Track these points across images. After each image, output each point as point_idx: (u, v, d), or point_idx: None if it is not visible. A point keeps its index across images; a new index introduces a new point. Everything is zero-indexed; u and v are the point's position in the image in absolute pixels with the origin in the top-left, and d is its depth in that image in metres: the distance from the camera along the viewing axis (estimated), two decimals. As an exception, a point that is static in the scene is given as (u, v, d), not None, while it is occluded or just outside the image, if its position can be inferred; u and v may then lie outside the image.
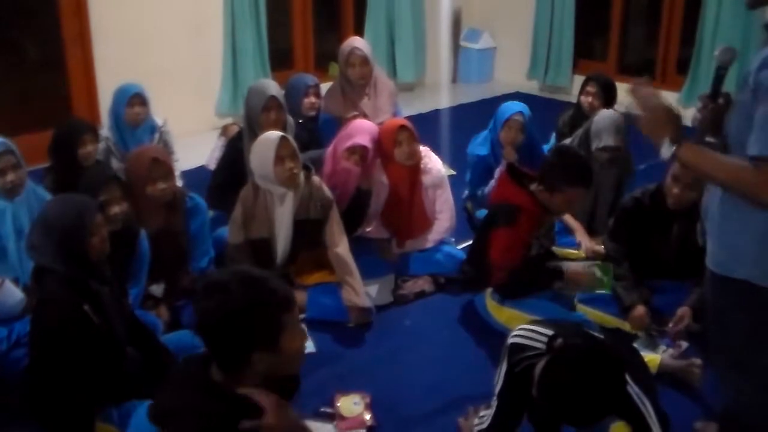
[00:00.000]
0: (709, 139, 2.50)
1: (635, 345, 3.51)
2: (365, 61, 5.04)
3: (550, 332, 2.36)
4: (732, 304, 2.33)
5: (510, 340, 2.52)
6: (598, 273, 3.69)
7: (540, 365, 2.24)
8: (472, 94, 8.56)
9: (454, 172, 5.67)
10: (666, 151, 2.25)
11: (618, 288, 3.74)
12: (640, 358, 2.79)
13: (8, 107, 6.03)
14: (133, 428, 2.68)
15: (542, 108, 6.55)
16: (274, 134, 3.73)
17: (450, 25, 9.28)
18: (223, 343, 2.01)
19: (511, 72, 9.00)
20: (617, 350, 2.34)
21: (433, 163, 4.31)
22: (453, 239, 4.47)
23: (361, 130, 4.13)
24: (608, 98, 4.88)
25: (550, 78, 8.57)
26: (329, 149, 4.23)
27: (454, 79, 9.44)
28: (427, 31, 8.77)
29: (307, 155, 4.15)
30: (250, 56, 7.02)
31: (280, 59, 7.52)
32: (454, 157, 5.82)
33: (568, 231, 4.54)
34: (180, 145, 5.26)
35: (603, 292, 3.71)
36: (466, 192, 4.90)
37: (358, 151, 4.06)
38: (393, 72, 8.45)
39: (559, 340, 2.25)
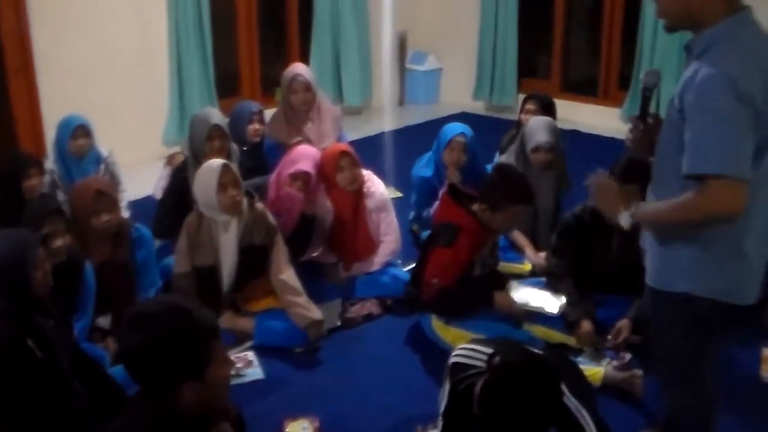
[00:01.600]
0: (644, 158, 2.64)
1: (581, 359, 3.61)
2: (308, 87, 5.09)
3: (489, 350, 2.42)
4: (672, 318, 2.43)
5: (451, 360, 2.58)
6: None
7: (479, 383, 2.30)
8: (419, 115, 8.64)
9: (400, 194, 5.75)
10: (624, 221, 2.42)
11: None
12: (579, 371, 2.87)
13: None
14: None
15: (489, 128, 6.67)
16: (216, 162, 3.76)
17: (395, 48, 9.38)
18: (150, 374, 2.04)
19: (458, 93, 9.11)
20: (553, 364, 2.41)
21: (376, 187, 4.37)
22: (399, 261, 4.52)
23: (304, 156, 4.17)
24: (547, 115, 5.00)
25: (495, 98, 8.70)
26: (273, 176, 4.27)
27: (401, 102, 9.51)
28: (372, 54, 8.84)
29: (251, 182, 4.19)
30: (196, 84, 7.02)
31: (226, 86, 7.53)
32: (401, 180, 5.88)
33: (512, 247, 4.63)
34: (128, 175, 5.25)
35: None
36: (412, 214, 4.97)
37: (301, 177, 4.11)
38: (340, 96, 8.51)
39: (497, 358, 2.30)
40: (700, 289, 2.30)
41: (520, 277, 4.32)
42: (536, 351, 2.52)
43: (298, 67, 5.21)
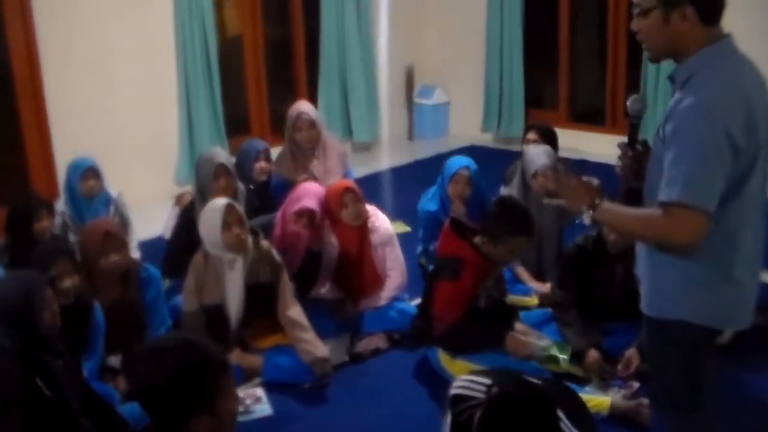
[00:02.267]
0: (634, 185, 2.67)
1: (588, 388, 3.63)
2: (312, 124, 5.16)
3: (488, 381, 2.44)
4: (667, 345, 2.45)
5: (451, 392, 2.59)
6: (555, 352, 3.79)
7: (478, 414, 2.32)
8: (427, 149, 8.68)
9: (409, 229, 5.78)
10: (586, 218, 2.44)
11: (568, 333, 3.86)
12: (579, 400, 2.86)
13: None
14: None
15: (498, 159, 6.70)
16: (221, 201, 3.83)
17: (403, 83, 9.48)
18: (161, 408, 2.08)
19: (466, 126, 9.17)
20: (552, 393, 2.42)
21: (381, 222, 4.43)
22: (407, 296, 4.54)
23: (308, 194, 4.24)
24: (549, 144, 5.03)
25: (503, 129, 8.75)
26: (279, 213, 4.33)
27: (410, 136, 9.59)
28: (380, 89, 8.93)
29: (257, 220, 4.26)
30: (206, 124, 7.12)
31: (236, 125, 7.63)
32: (410, 214, 5.92)
33: (517, 279, 4.66)
34: (139, 215, 5.34)
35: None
36: (420, 248, 5.01)
37: (305, 214, 4.17)
38: (348, 132, 8.59)
39: (495, 389, 2.32)
40: (692, 315, 2.33)
41: (527, 309, 4.35)
42: (534, 380, 2.53)
43: (302, 105, 5.29)
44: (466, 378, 2.64)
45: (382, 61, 8.92)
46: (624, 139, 2.64)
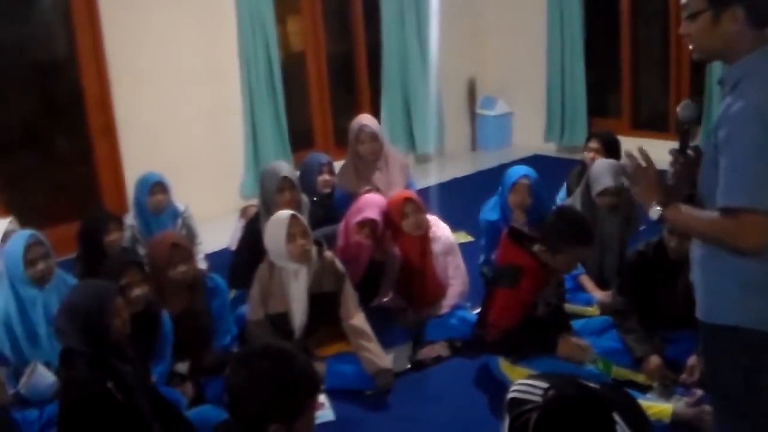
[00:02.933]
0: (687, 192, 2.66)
1: (650, 395, 3.62)
2: (374, 137, 5.25)
3: (545, 385, 2.47)
4: (724, 351, 2.44)
5: (509, 395, 2.62)
6: (599, 368, 3.79)
7: (534, 417, 2.35)
8: (491, 160, 8.70)
9: (472, 239, 5.81)
10: (653, 213, 2.44)
11: (629, 340, 3.86)
12: (637, 405, 2.84)
13: (41, 199, 6.35)
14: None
15: (561, 169, 6.68)
16: (285, 213, 3.92)
17: (465, 94, 9.54)
18: (247, 410, 2.18)
19: (529, 136, 9.17)
20: (608, 396, 2.44)
21: (441, 231, 4.48)
22: (469, 304, 4.58)
23: (370, 205, 4.31)
24: (611, 153, 5.01)
25: (566, 139, 8.73)
26: (341, 224, 4.42)
27: (474, 147, 9.64)
28: (442, 101, 8.99)
29: (320, 231, 4.35)
30: (270, 138, 7.27)
31: (300, 139, 7.75)
32: (474, 224, 5.95)
33: (580, 287, 4.66)
34: (206, 228, 5.49)
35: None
36: (482, 257, 5.04)
37: (368, 224, 4.24)
38: (412, 144, 8.67)
39: (551, 392, 2.35)
40: (746, 320, 2.32)
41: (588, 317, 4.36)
42: (591, 385, 2.55)
43: (364, 119, 5.39)
44: (524, 382, 2.67)
45: (443, 73, 8.96)
46: (676, 145, 2.63)
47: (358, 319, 3.98)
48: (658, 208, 2.43)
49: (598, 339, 4.05)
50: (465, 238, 5.98)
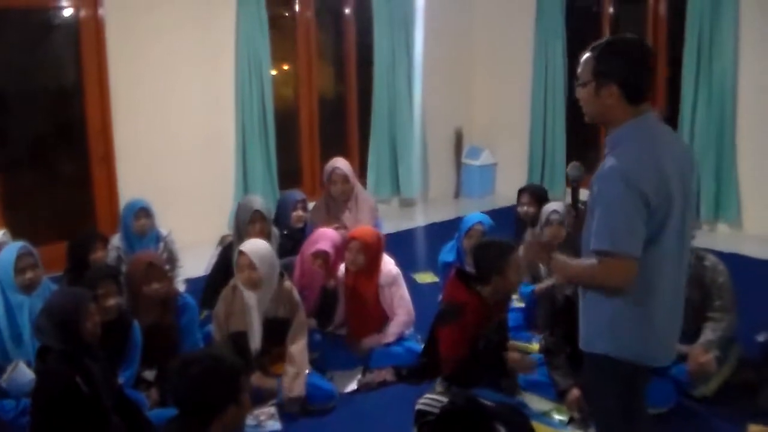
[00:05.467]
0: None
1: (570, 426, 4.00)
2: (345, 179, 5.70)
3: (445, 399, 2.90)
4: (598, 376, 2.85)
5: (416, 407, 3.06)
6: (555, 414, 4.15)
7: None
8: (472, 207, 9.00)
9: (437, 279, 6.21)
10: (542, 271, 2.88)
11: (555, 375, 4.26)
12: (527, 424, 3.29)
13: (39, 217, 6.79)
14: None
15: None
16: (241, 246, 4.37)
17: (452, 144, 9.98)
18: (196, 405, 2.69)
19: (511, 185, 9.51)
20: (498, 412, 2.87)
21: (385, 264, 4.87)
22: (419, 336, 4.95)
23: (324, 237, 4.75)
24: (541, 203, 5.40)
25: (546, 187, 9.12)
26: (299, 255, 4.84)
27: (457, 194, 10.07)
28: (430, 149, 9.46)
29: (283, 261, 4.76)
30: (260, 174, 7.74)
31: (288, 178, 8.18)
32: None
33: (528, 328, 5.06)
34: (193, 254, 5.90)
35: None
36: (440, 295, 5.43)
37: (321, 255, 4.68)
38: (396, 188, 9.11)
39: (446, 403, 2.78)
40: (615, 350, 2.72)
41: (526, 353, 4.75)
42: (484, 401, 2.97)
43: (337, 161, 5.84)
44: (429, 396, 3.11)
45: (432, 122, 9.44)
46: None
47: (297, 347, 4.34)
48: (546, 268, 2.89)
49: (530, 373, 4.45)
50: (431, 278, 6.40)
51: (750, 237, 7.59)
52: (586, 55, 2.73)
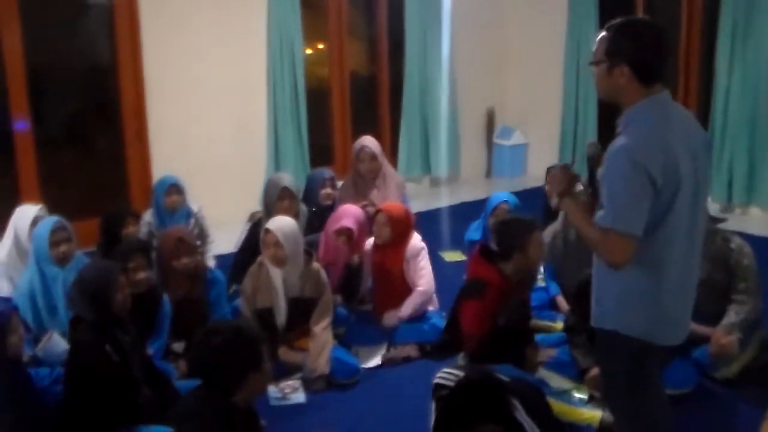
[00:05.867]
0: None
1: (590, 405, 4.05)
2: (373, 157, 5.77)
3: (461, 373, 2.96)
4: (610, 353, 2.90)
5: (434, 381, 3.13)
6: (575, 392, 4.15)
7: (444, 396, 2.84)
8: (503, 187, 9.05)
9: (465, 258, 6.26)
10: (553, 200, 2.91)
11: (576, 354, 4.30)
12: (543, 400, 3.33)
13: (75, 193, 6.95)
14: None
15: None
16: (268, 224, 4.45)
17: (484, 123, 10.01)
18: (225, 368, 2.82)
19: (542, 165, 9.50)
20: (513, 387, 2.92)
21: (412, 239, 4.94)
22: (443, 313, 5.00)
23: (348, 214, 4.84)
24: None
25: (576, 170, 9.11)
26: (323, 232, 4.93)
27: (488, 174, 10.10)
28: (461, 129, 9.49)
29: (308, 238, 4.84)
30: (291, 152, 7.84)
31: (320, 156, 8.28)
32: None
33: (551, 306, 5.10)
34: (224, 231, 6.00)
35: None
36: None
37: (344, 232, 4.77)
38: (427, 168, 9.17)
39: (462, 377, 2.85)
40: (625, 328, 2.76)
41: (549, 332, 4.81)
42: (500, 376, 3.02)
43: (365, 140, 5.91)
44: (446, 370, 3.17)
45: (464, 102, 9.47)
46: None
47: (321, 326, 4.42)
48: (557, 199, 2.92)
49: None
50: (459, 256, 6.45)
51: (783, 220, 7.54)
52: (602, 34, 2.76)
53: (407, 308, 4.86)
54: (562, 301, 5.10)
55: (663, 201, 2.63)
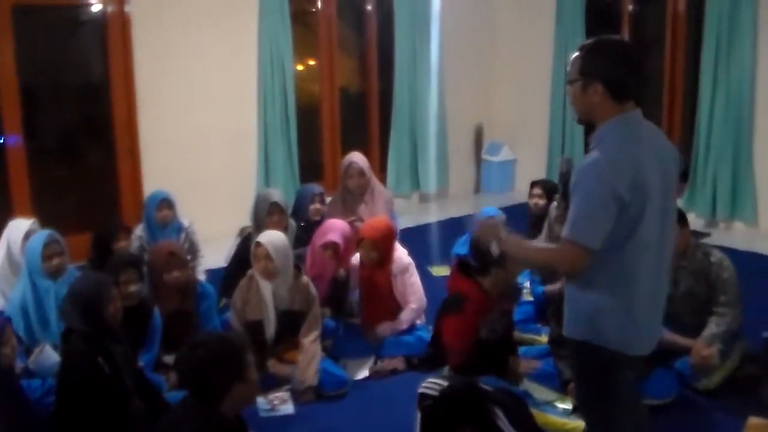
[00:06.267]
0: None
1: (573, 415, 4.12)
2: (362, 173, 5.85)
3: (446, 383, 3.04)
4: (581, 361, 2.98)
5: (419, 391, 3.21)
6: (558, 402, 4.26)
7: (427, 405, 2.92)
8: (491, 202, 9.14)
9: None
10: (494, 249, 3.02)
11: (560, 365, 4.38)
12: (526, 409, 3.40)
13: (69, 208, 7.02)
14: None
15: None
16: (259, 237, 4.52)
17: (472, 140, 10.11)
18: (205, 384, 2.85)
19: (530, 181, 9.65)
20: (495, 396, 3.00)
21: (398, 253, 5.03)
22: (430, 326, 5.05)
23: (334, 229, 4.93)
24: (553, 197, 5.52)
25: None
26: (310, 245, 5.01)
27: (477, 190, 10.19)
28: (451, 145, 9.58)
29: (296, 252, 4.92)
30: (281, 168, 7.90)
31: (310, 172, 8.33)
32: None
33: (538, 320, 5.19)
34: (216, 246, 6.06)
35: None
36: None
37: (331, 246, 4.85)
38: (416, 183, 9.25)
39: (446, 387, 2.93)
40: (595, 338, 2.83)
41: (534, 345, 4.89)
42: (483, 386, 3.10)
43: (353, 156, 5.99)
44: (431, 380, 3.25)
45: (452, 118, 9.55)
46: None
47: (309, 339, 4.49)
48: (496, 244, 3.03)
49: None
50: (446, 271, 6.51)
51: (766, 235, 7.64)
52: (575, 54, 2.86)
53: (403, 322, 4.95)
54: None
55: (631, 215, 2.71)
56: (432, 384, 3.17)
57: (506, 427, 2.97)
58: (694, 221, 7.81)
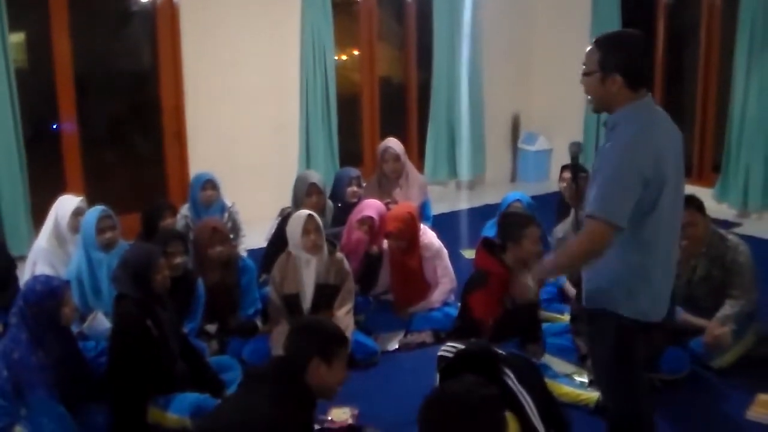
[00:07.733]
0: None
1: (590, 387, 4.33)
2: (397, 157, 6.11)
3: (462, 346, 3.29)
4: (599, 331, 3.19)
5: (438, 353, 3.47)
6: (576, 376, 4.48)
7: (443, 366, 3.18)
8: (527, 190, 9.27)
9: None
10: (532, 294, 3.31)
11: (578, 340, 4.60)
12: (537, 372, 3.62)
13: (119, 190, 7.36)
14: (172, 410, 3.78)
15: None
16: (304, 212, 4.76)
17: (509, 129, 10.28)
18: (295, 350, 3.03)
19: (565, 171, 9.85)
20: (507, 358, 3.24)
21: (428, 238, 5.28)
22: (458, 303, 5.28)
23: (370, 206, 5.21)
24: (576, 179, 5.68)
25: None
26: (347, 223, 5.28)
27: (513, 178, 10.37)
28: (488, 134, 9.77)
29: (332, 230, 5.19)
30: (322, 154, 8.16)
31: (350, 158, 8.56)
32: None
33: (560, 298, 5.40)
34: (257, 228, 6.29)
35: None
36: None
37: (366, 221, 5.13)
38: (453, 171, 9.47)
39: (460, 349, 3.18)
40: (616, 307, 3.03)
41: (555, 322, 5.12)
42: (496, 349, 3.33)
43: (389, 141, 6.26)
44: (449, 343, 3.49)
45: (490, 108, 9.72)
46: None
47: (343, 311, 4.73)
48: (531, 280, 3.28)
49: (558, 339, 4.82)
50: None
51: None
52: (590, 47, 3.07)
53: (435, 302, 5.23)
54: (569, 288, 5.36)
55: (652, 192, 2.91)
56: (450, 347, 3.40)
57: (514, 385, 3.17)
58: (726, 212, 7.96)
